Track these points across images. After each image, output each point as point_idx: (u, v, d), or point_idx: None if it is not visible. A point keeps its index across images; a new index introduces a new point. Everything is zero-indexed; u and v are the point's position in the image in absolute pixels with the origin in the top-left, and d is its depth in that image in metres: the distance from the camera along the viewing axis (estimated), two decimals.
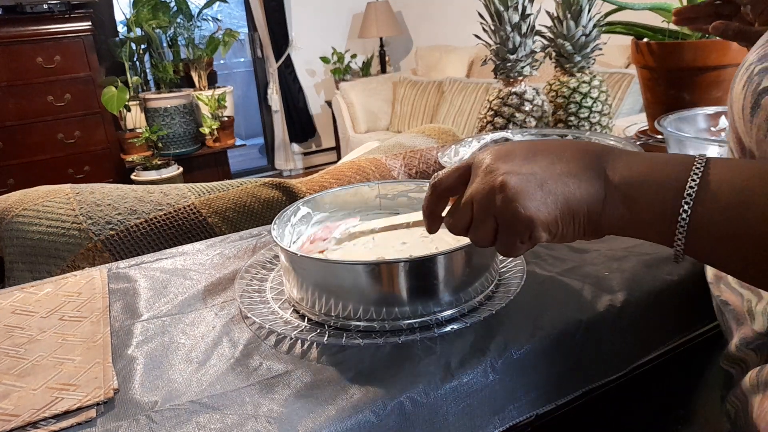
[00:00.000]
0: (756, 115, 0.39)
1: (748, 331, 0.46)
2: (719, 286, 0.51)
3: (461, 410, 0.47)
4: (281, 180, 0.99)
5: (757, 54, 0.41)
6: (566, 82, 0.98)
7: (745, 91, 0.40)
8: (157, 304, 0.61)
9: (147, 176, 2.90)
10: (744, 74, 0.41)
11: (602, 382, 0.55)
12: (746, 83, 0.40)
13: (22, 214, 0.83)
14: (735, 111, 0.42)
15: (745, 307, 0.47)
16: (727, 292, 0.49)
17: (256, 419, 0.42)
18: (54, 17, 2.79)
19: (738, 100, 0.41)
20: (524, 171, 0.37)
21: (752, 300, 0.46)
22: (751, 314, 0.46)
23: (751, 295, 0.46)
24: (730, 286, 0.49)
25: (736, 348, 0.47)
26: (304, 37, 3.87)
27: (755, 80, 0.39)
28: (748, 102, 0.40)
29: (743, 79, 0.41)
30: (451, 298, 0.52)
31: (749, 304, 0.46)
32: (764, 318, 0.44)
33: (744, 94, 0.40)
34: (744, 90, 0.40)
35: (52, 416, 0.44)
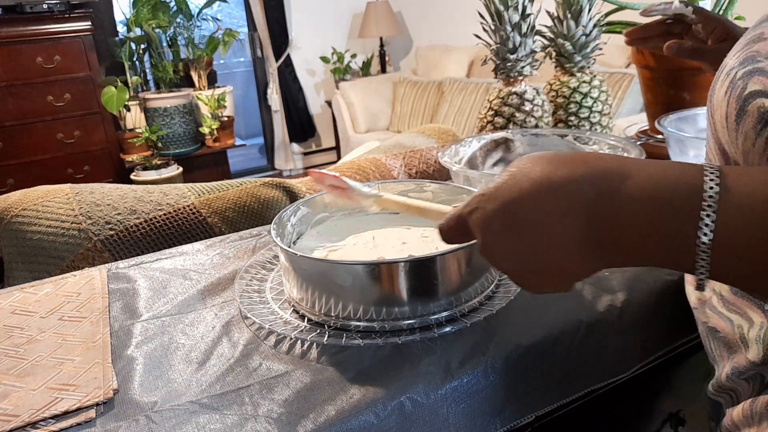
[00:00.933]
0: (742, 122, 0.36)
1: (741, 360, 0.43)
2: (705, 312, 0.47)
3: (461, 411, 0.47)
4: (281, 180, 0.99)
5: (737, 58, 0.39)
6: (566, 82, 0.98)
7: (728, 97, 0.38)
8: (156, 304, 0.61)
9: (147, 176, 2.90)
10: (725, 80, 0.39)
11: (603, 383, 0.55)
12: (728, 89, 0.38)
13: (21, 214, 0.83)
14: (717, 119, 0.39)
15: (736, 333, 0.43)
16: (715, 318, 0.46)
17: (255, 420, 0.42)
18: (54, 17, 2.79)
19: (720, 107, 0.39)
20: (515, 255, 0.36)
21: (743, 326, 0.43)
22: (744, 342, 0.42)
23: (741, 320, 0.43)
24: (717, 310, 0.46)
25: (727, 378, 0.44)
26: (304, 36, 3.87)
27: (739, 85, 0.37)
28: (732, 108, 0.37)
29: (725, 86, 0.38)
30: (451, 298, 0.52)
31: (741, 330, 0.43)
32: (759, 346, 0.41)
33: (727, 100, 0.38)
34: (726, 96, 0.38)
35: (51, 416, 0.44)
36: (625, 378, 0.57)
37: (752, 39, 0.39)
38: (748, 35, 0.40)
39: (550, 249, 0.34)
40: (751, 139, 0.35)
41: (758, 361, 0.41)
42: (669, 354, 0.60)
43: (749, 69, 0.37)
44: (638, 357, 0.58)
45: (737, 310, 0.44)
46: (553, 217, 0.33)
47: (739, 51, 0.39)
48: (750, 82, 0.36)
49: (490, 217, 0.36)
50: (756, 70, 0.36)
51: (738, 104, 0.36)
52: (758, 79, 0.35)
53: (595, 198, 0.33)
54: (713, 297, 0.47)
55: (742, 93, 0.36)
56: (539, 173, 0.34)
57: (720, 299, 0.46)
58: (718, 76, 0.40)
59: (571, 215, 0.33)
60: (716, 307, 0.46)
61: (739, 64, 0.38)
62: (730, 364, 0.44)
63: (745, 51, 0.39)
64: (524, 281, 0.38)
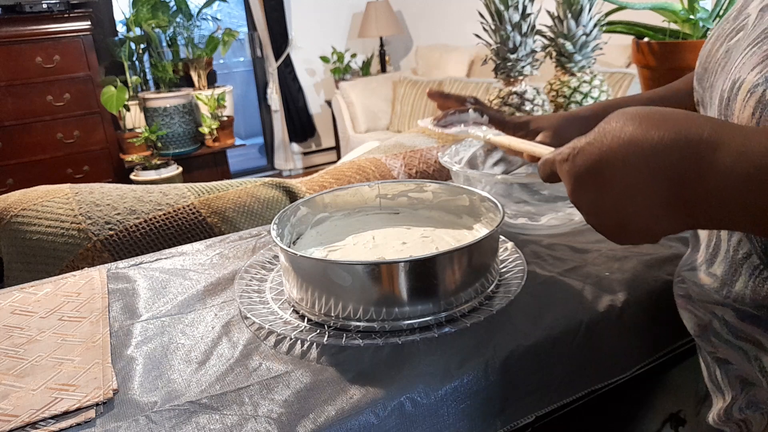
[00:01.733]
0: None
1: (761, 394, 0.40)
2: (710, 340, 0.44)
3: (461, 411, 0.47)
4: (281, 180, 0.99)
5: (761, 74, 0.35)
6: (567, 82, 0.98)
7: (758, 119, 0.34)
8: (156, 304, 0.60)
9: (146, 176, 2.90)
10: (749, 99, 0.35)
11: (603, 383, 0.55)
12: (756, 110, 0.34)
13: (21, 214, 0.83)
14: None
15: (755, 366, 0.40)
16: (723, 348, 0.43)
17: (255, 420, 0.42)
18: (53, 17, 2.79)
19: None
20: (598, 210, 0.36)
21: (762, 358, 0.39)
22: (766, 375, 0.39)
23: (756, 349, 0.40)
24: (723, 338, 0.43)
25: (740, 410, 0.42)
26: (304, 36, 3.87)
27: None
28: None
29: (749, 106, 0.35)
30: (451, 298, 0.52)
31: (759, 363, 0.40)
32: None
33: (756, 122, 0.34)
34: (755, 117, 0.34)
35: (51, 417, 0.44)
36: (625, 378, 0.57)
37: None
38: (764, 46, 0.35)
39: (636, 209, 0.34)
40: None
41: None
42: (669, 354, 0.60)
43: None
44: (638, 357, 0.58)
45: (747, 338, 0.41)
46: (640, 179, 0.33)
47: (759, 65, 0.35)
48: None
49: (578, 171, 0.36)
50: None
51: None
52: None
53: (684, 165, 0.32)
54: (715, 322, 0.44)
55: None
56: (629, 135, 0.34)
57: (724, 325, 0.43)
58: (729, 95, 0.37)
59: (658, 179, 0.33)
60: (721, 334, 0.43)
61: (765, 80, 0.34)
62: (746, 398, 0.41)
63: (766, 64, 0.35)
64: (608, 233, 0.37)
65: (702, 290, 0.45)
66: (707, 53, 0.45)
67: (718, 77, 0.41)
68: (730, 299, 0.41)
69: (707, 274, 0.44)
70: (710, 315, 0.45)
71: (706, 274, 0.44)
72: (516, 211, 0.70)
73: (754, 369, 0.40)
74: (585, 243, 0.66)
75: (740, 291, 0.40)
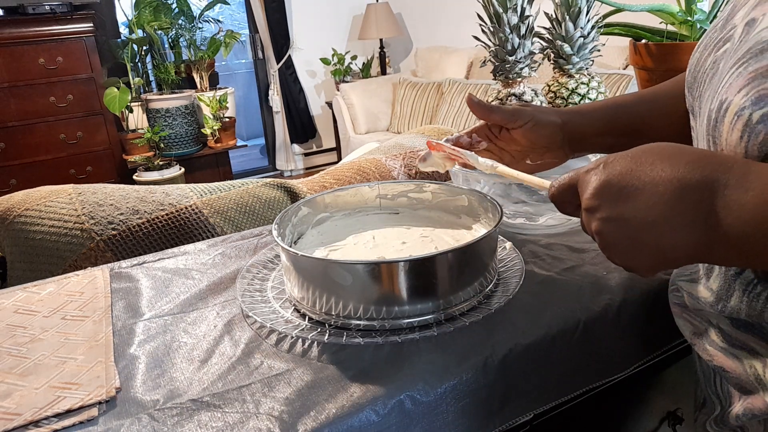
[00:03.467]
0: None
1: (758, 403, 0.39)
2: (705, 348, 0.44)
3: (460, 409, 0.47)
4: (282, 180, 0.99)
5: (747, 97, 0.34)
6: (565, 84, 0.98)
7: (746, 143, 0.34)
8: (159, 303, 0.61)
9: (149, 177, 2.91)
10: (737, 122, 0.35)
11: (601, 381, 0.56)
12: (744, 133, 0.34)
13: (24, 214, 0.84)
14: None
15: (750, 375, 0.40)
16: (719, 356, 0.42)
17: (257, 417, 0.43)
18: (56, 18, 2.80)
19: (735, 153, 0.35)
20: (617, 216, 0.35)
21: (756, 366, 0.39)
22: (761, 383, 0.39)
23: (751, 358, 0.40)
24: (719, 346, 0.43)
25: (737, 418, 0.41)
26: (305, 38, 3.87)
27: (760, 130, 0.33)
28: (753, 156, 0.34)
29: (737, 129, 0.34)
30: (450, 297, 0.52)
31: (754, 371, 0.39)
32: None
33: (745, 146, 0.34)
34: (743, 142, 0.34)
35: (54, 415, 0.44)
36: (623, 376, 0.57)
37: (761, 72, 0.34)
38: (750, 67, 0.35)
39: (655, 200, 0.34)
40: None
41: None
42: (667, 352, 0.60)
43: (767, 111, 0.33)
44: (636, 355, 0.58)
45: (743, 345, 0.40)
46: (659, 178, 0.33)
47: (745, 87, 0.35)
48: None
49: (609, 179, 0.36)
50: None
51: (762, 151, 0.33)
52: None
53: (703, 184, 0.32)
54: (711, 330, 0.44)
55: (766, 139, 0.33)
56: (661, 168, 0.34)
57: (719, 333, 0.43)
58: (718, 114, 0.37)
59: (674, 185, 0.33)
60: (717, 342, 0.43)
61: (752, 103, 0.34)
62: (743, 405, 0.41)
63: (755, 88, 0.34)
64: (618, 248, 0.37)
65: (698, 303, 0.45)
66: (696, 62, 0.45)
67: (706, 89, 0.41)
68: (725, 314, 0.41)
69: (705, 287, 0.44)
70: (706, 323, 0.45)
71: (704, 287, 0.44)
72: (514, 211, 0.70)
73: (749, 377, 0.40)
74: (583, 243, 0.67)
75: (735, 306, 0.40)
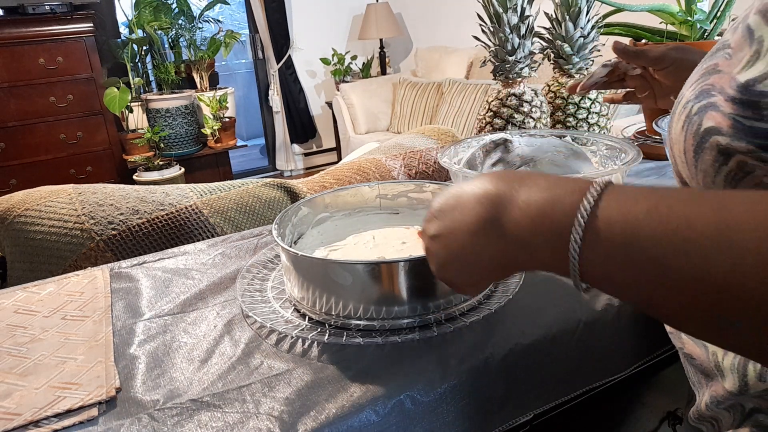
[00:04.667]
0: (700, 159, 0.35)
1: (719, 389, 0.41)
2: (680, 337, 0.46)
3: (460, 409, 0.47)
4: (282, 180, 0.99)
5: (693, 90, 0.37)
6: (565, 84, 0.98)
7: (685, 132, 0.36)
8: (159, 303, 0.61)
9: (149, 177, 2.91)
10: (682, 113, 0.37)
11: (601, 381, 0.56)
12: (685, 124, 0.37)
13: (24, 214, 0.84)
14: (677, 154, 0.38)
15: (711, 361, 0.42)
16: (690, 344, 0.45)
17: (257, 417, 0.43)
18: (56, 18, 2.80)
19: (678, 142, 0.37)
20: (441, 234, 0.40)
21: (718, 353, 0.41)
22: (719, 370, 0.41)
23: (715, 348, 0.41)
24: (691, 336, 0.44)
25: (707, 407, 0.43)
26: (305, 38, 3.87)
27: (695, 120, 0.36)
28: (689, 144, 0.36)
29: (681, 119, 0.37)
30: (450, 297, 0.52)
31: (715, 358, 0.41)
32: (734, 375, 0.39)
33: (684, 135, 0.37)
34: (684, 131, 0.37)
35: (54, 415, 0.44)
36: (623, 376, 0.57)
37: (707, 70, 0.37)
38: (704, 64, 0.38)
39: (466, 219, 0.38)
40: (711, 176, 0.35)
41: (735, 390, 0.39)
42: (667, 352, 0.60)
43: (704, 104, 0.35)
44: (636, 355, 0.58)
45: None
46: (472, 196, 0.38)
47: (695, 83, 0.38)
48: (705, 118, 0.35)
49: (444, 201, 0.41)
50: (710, 105, 0.35)
51: (695, 140, 0.36)
52: (711, 114, 0.34)
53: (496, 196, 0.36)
54: None
55: (698, 129, 0.35)
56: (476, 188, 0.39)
57: None
58: (675, 107, 0.39)
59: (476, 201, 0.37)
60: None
61: (694, 97, 0.37)
62: (709, 392, 0.43)
63: (700, 83, 0.37)
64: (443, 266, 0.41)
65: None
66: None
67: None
68: None
69: None
70: None
71: None
72: None
73: (711, 363, 0.42)
74: None
75: None
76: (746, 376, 0.38)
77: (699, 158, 0.35)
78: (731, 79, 0.34)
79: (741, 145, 0.33)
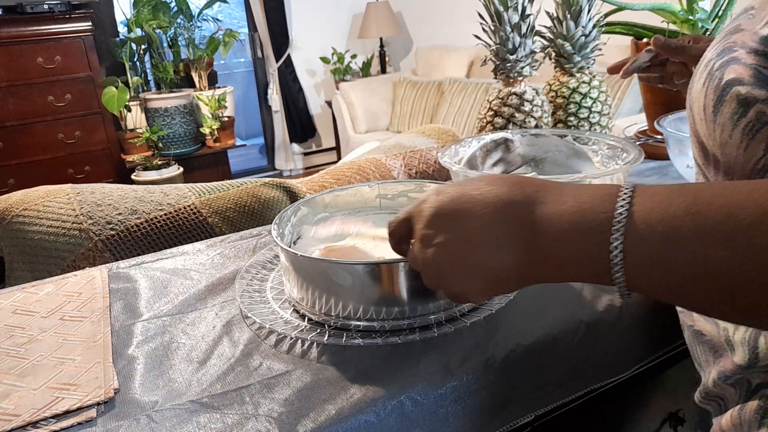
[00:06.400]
0: (719, 113, 0.36)
1: (727, 364, 0.42)
2: (691, 315, 0.47)
3: (461, 410, 0.47)
4: (281, 180, 0.99)
5: (715, 50, 0.39)
6: (566, 83, 0.98)
7: (706, 88, 0.38)
8: (157, 304, 0.61)
9: (147, 176, 2.90)
10: (703, 72, 0.39)
11: (602, 382, 0.55)
12: (706, 81, 0.38)
13: (22, 214, 0.84)
14: (695, 112, 0.40)
15: (722, 336, 0.42)
16: (701, 321, 0.45)
17: (256, 419, 0.42)
18: (54, 17, 2.80)
19: (698, 99, 0.39)
20: (449, 241, 0.37)
21: (729, 329, 0.42)
22: (730, 345, 0.41)
23: (727, 323, 0.42)
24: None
25: (714, 383, 0.43)
26: (304, 37, 3.87)
27: (716, 76, 0.37)
28: (710, 100, 0.37)
29: (703, 77, 0.39)
30: None
31: (726, 333, 0.42)
32: (744, 348, 0.40)
33: (705, 92, 0.38)
34: (704, 88, 0.38)
35: (52, 416, 0.44)
36: (624, 377, 0.57)
37: (729, 31, 0.39)
38: (727, 28, 0.40)
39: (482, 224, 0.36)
40: (728, 130, 0.36)
41: (744, 364, 0.40)
42: (669, 353, 0.60)
43: (725, 59, 0.37)
44: (638, 356, 0.58)
45: None
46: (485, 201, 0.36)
47: (717, 43, 0.39)
48: (726, 71, 0.36)
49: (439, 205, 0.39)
50: (731, 60, 0.36)
51: (716, 95, 0.37)
52: (733, 67, 0.36)
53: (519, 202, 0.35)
54: None
55: (719, 84, 0.36)
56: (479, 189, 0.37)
57: None
58: (697, 69, 0.41)
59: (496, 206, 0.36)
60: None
61: (716, 55, 0.38)
62: (717, 368, 0.43)
63: (722, 43, 0.38)
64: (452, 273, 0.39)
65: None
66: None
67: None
68: None
69: None
70: None
71: None
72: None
73: (722, 339, 0.42)
74: None
75: None
76: (757, 349, 0.39)
77: (718, 112, 0.36)
78: (753, 34, 0.35)
79: (761, 93, 0.34)
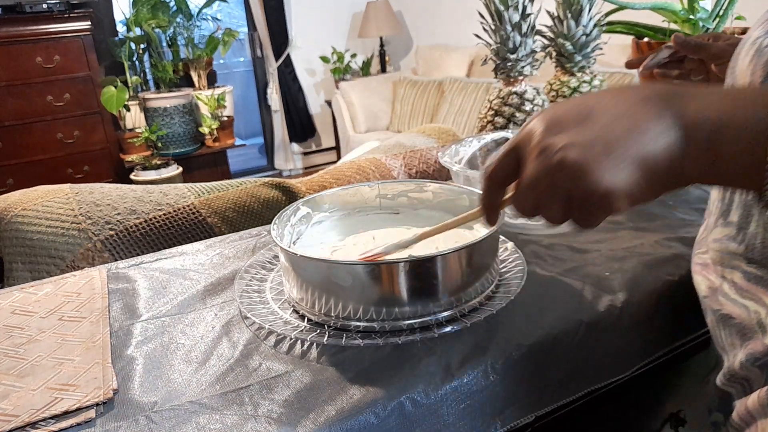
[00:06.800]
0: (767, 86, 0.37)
1: (758, 346, 0.42)
2: (717, 299, 0.47)
3: (461, 411, 0.47)
4: (281, 180, 0.99)
5: (763, 28, 0.39)
6: (567, 82, 0.98)
7: (753, 65, 0.39)
8: (156, 304, 0.61)
9: (146, 176, 2.90)
10: (750, 49, 0.40)
11: (603, 383, 0.55)
12: (753, 57, 0.39)
13: (21, 214, 0.83)
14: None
15: (753, 319, 0.43)
16: (729, 305, 0.45)
17: (255, 420, 0.42)
18: (53, 17, 2.79)
19: (743, 76, 0.39)
20: (582, 139, 0.32)
21: (760, 311, 0.42)
22: (762, 327, 0.42)
23: (757, 306, 0.42)
24: (730, 297, 0.45)
25: (741, 365, 0.43)
26: (304, 36, 3.86)
27: (766, 52, 0.37)
28: (757, 76, 0.38)
29: (749, 55, 0.39)
30: (451, 298, 0.52)
31: (758, 316, 0.42)
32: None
33: (752, 68, 0.39)
34: (752, 64, 0.39)
35: (51, 417, 0.44)
36: (625, 378, 0.57)
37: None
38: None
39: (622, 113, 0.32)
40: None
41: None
42: (669, 354, 0.60)
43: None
44: (639, 357, 0.58)
45: (752, 297, 0.43)
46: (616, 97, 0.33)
47: (765, 21, 0.40)
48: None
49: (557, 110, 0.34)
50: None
51: (765, 71, 0.37)
52: None
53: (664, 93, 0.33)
54: (725, 284, 0.47)
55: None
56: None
57: (732, 286, 0.46)
58: (741, 47, 0.41)
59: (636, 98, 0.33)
60: (729, 294, 0.46)
61: (765, 33, 0.38)
62: (745, 351, 0.43)
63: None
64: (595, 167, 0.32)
65: (720, 244, 0.47)
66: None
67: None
68: (744, 244, 0.44)
69: (724, 226, 0.47)
70: (720, 279, 0.47)
71: (723, 226, 0.47)
72: (516, 211, 0.70)
73: (753, 321, 0.42)
74: (585, 243, 0.66)
75: (753, 232, 0.43)
76: None
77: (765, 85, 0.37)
78: None
79: None
